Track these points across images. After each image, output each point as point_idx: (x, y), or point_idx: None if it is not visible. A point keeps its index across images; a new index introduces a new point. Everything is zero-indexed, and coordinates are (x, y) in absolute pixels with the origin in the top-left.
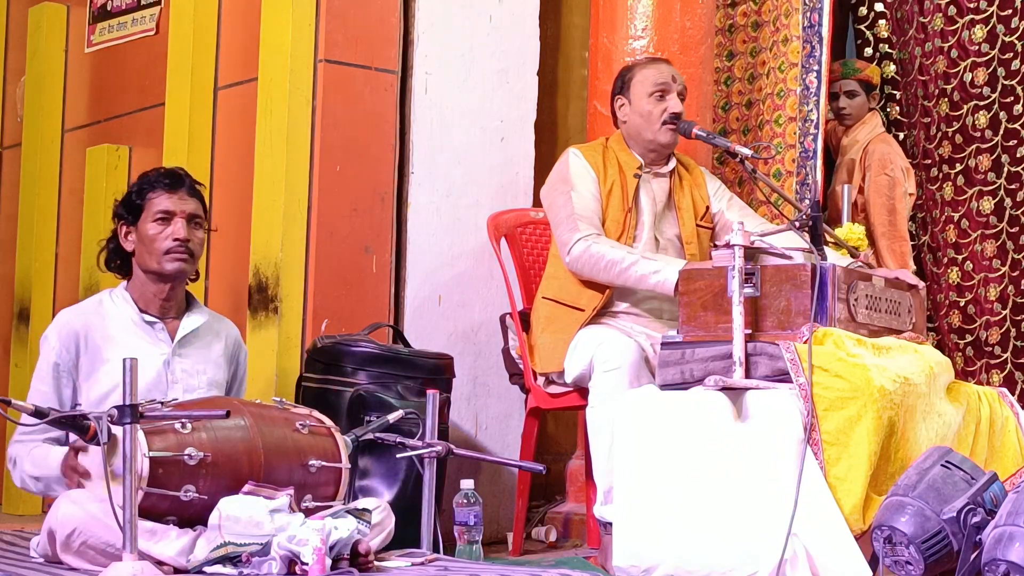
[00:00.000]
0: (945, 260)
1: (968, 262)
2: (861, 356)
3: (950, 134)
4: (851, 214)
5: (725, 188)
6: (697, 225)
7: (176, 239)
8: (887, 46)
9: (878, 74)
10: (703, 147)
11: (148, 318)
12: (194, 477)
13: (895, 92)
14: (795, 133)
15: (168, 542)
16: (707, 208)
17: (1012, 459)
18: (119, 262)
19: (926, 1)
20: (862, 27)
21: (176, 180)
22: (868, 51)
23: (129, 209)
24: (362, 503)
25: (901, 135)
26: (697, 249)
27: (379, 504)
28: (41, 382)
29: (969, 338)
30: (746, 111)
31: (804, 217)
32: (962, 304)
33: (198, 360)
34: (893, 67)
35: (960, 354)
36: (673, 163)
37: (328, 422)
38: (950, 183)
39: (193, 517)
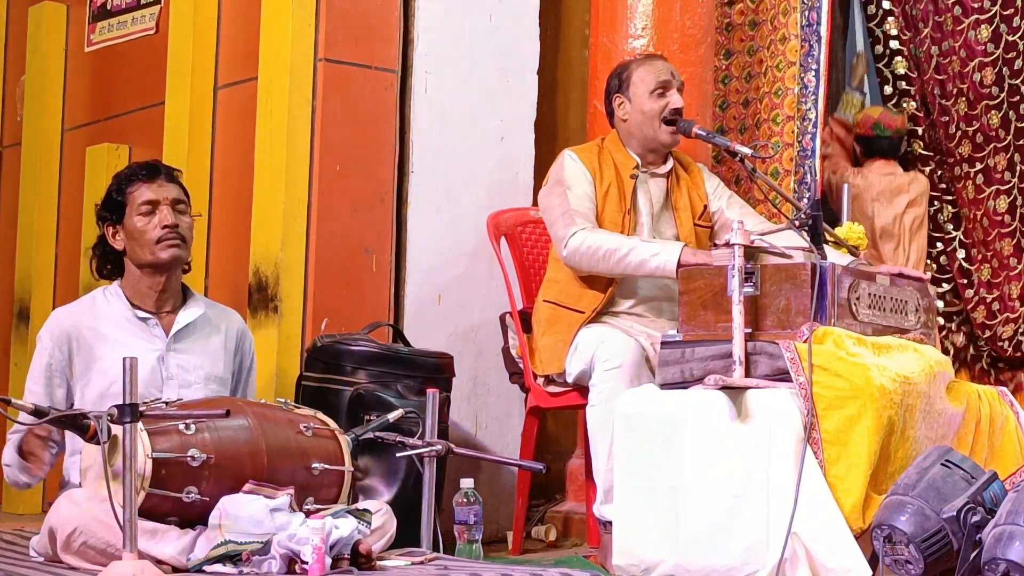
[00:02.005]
0: (979, 257)
1: (995, 259)
2: (861, 355)
3: (970, 133)
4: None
5: (724, 186)
6: (695, 224)
7: (165, 226)
8: (897, 43)
9: (904, 120)
10: (702, 146)
11: (141, 314)
12: (197, 478)
13: (909, 88)
14: (793, 132)
15: (168, 542)
16: (705, 207)
17: (1012, 458)
18: (111, 266)
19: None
20: (871, 25)
21: (152, 170)
22: (879, 48)
23: (111, 208)
24: (363, 505)
25: (919, 130)
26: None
27: (381, 507)
28: (34, 382)
29: (988, 334)
30: (743, 109)
31: (804, 216)
32: (988, 300)
33: (194, 355)
34: (905, 63)
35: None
36: (671, 163)
37: (332, 424)
38: (971, 182)
39: (195, 518)
